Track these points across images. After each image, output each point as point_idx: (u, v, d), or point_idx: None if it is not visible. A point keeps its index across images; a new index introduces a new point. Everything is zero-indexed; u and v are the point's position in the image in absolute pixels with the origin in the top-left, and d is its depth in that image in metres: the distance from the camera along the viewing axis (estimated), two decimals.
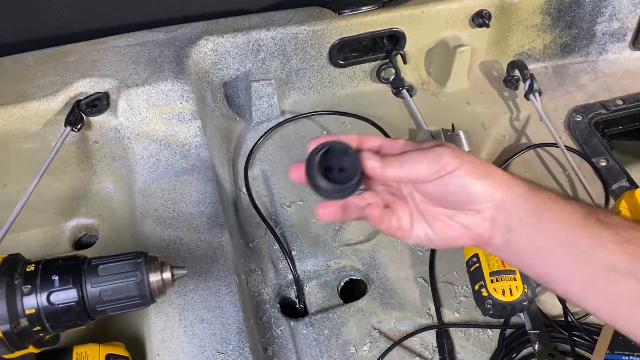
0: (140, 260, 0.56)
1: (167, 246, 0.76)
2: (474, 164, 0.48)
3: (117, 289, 0.55)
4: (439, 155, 0.48)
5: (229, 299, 0.71)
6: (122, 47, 0.94)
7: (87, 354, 0.65)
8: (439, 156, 0.48)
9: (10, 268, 0.54)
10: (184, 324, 0.69)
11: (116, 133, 0.87)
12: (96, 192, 0.93)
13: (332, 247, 0.86)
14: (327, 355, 0.75)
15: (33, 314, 0.53)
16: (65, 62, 0.91)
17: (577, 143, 1.01)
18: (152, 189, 0.83)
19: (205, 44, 0.96)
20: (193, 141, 0.87)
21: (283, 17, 1.00)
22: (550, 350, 0.72)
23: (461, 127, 1.01)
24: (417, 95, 1.09)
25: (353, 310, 0.79)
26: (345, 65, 1.06)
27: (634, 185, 0.94)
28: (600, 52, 1.15)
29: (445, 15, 1.04)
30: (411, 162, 0.48)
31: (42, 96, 0.85)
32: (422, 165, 0.48)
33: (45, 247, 0.89)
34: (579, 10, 1.09)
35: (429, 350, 0.77)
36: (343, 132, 1.02)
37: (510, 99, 1.09)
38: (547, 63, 1.16)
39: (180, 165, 0.85)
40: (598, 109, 1.07)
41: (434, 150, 0.48)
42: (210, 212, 0.80)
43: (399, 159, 0.49)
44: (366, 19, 1.00)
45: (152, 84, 0.87)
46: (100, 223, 0.91)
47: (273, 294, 0.81)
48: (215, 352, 0.67)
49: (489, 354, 0.76)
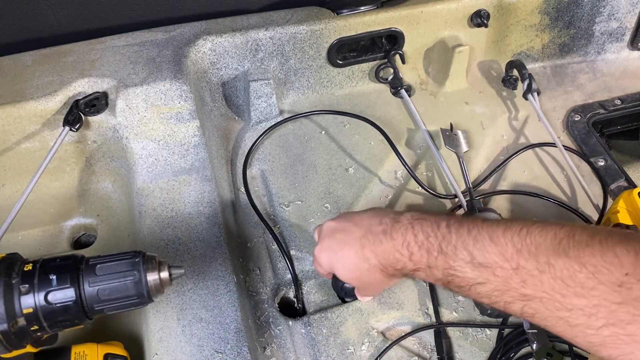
0: (138, 259, 0.56)
1: (165, 246, 0.76)
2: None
3: (114, 289, 0.55)
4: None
5: (227, 298, 0.71)
6: (121, 47, 0.94)
7: (85, 353, 0.65)
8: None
9: (8, 267, 0.54)
10: (182, 323, 0.69)
11: (115, 133, 0.87)
12: (95, 191, 0.93)
13: None
14: (325, 354, 0.75)
15: (31, 313, 0.53)
16: (63, 61, 0.91)
17: (576, 143, 1.02)
18: (150, 188, 0.83)
19: (203, 43, 0.96)
20: (191, 141, 0.87)
21: (282, 16, 1.00)
22: (548, 350, 0.72)
23: (460, 126, 1.01)
24: (415, 95, 1.09)
25: (351, 310, 0.79)
26: (344, 65, 1.06)
27: (632, 185, 0.94)
28: (598, 51, 1.15)
29: (443, 15, 1.04)
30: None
31: (41, 96, 0.85)
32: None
33: (44, 246, 0.89)
34: (578, 10, 1.09)
35: (427, 349, 0.77)
36: (342, 131, 1.02)
37: (508, 98, 1.09)
38: (546, 63, 1.16)
39: (178, 164, 0.85)
40: (596, 109, 1.07)
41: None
42: (209, 211, 0.80)
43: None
44: (365, 19, 1.00)
45: (151, 83, 0.87)
46: (98, 222, 0.91)
47: (271, 293, 0.81)
48: (213, 352, 0.67)
49: (487, 353, 0.76)
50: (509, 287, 0.48)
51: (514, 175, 0.97)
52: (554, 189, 0.95)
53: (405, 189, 0.94)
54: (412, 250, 0.56)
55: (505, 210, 0.91)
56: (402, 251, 0.57)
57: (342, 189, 0.93)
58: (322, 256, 0.67)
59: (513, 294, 0.48)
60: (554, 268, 0.45)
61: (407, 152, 1.00)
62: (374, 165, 0.97)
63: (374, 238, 0.61)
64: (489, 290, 0.50)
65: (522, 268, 0.47)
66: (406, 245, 0.57)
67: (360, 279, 0.65)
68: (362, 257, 0.62)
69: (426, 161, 0.99)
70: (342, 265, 0.65)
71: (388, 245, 0.59)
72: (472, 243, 0.51)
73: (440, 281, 0.55)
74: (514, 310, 0.49)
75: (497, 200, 0.93)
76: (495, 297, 0.50)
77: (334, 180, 0.95)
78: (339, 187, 0.94)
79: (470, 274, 0.51)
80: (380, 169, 0.96)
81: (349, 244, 0.63)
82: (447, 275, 0.53)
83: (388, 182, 0.95)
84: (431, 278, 0.56)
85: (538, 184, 0.96)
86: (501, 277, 0.49)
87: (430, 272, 0.55)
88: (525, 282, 0.47)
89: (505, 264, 0.49)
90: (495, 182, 0.96)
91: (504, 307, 0.50)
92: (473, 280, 0.51)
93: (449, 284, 0.54)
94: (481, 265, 0.50)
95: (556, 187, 0.95)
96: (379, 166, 0.97)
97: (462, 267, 0.52)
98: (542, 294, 0.46)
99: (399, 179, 0.96)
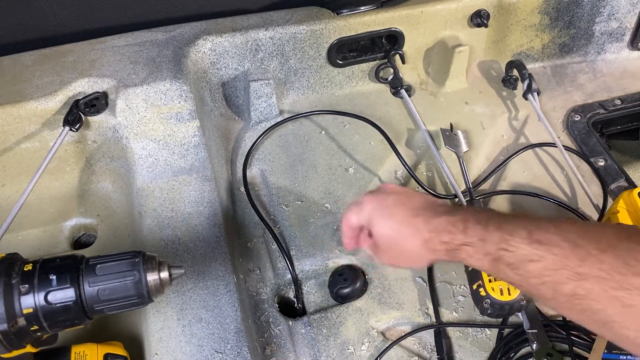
0: (138, 259, 0.56)
1: (165, 246, 0.76)
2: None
3: (114, 289, 0.55)
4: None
5: (227, 298, 0.71)
6: (121, 47, 0.94)
7: (85, 353, 0.65)
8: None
9: (8, 267, 0.54)
10: (182, 323, 0.69)
11: (115, 133, 0.87)
12: (95, 191, 0.93)
13: (331, 246, 0.86)
14: (325, 354, 0.75)
15: (31, 313, 0.53)
16: (63, 61, 0.91)
17: (576, 143, 1.02)
18: (150, 188, 0.83)
19: (203, 43, 0.96)
20: (191, 141, 0.87)
21: (281, 16, 1.00)
22: (548, 350, 0.72)
23: (459, 126, 1.01)
24: (415, 95, 1.09)
25: (351, 310, 0.80)
26: (344, 65, 1.06)
27: (632, 185, 0.94)
28: (598, 51, 1.15)
29: (443, 15, 1.04)
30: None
31: (41, 96, 0.85)
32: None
33: (44, 246, 0.89)
34: (578, 10, 1.09)
35: (427, 349, 0.77)
36: (342, 131, 1.02)
37: (508, 98, 1.09)
38: (546, 63, 1.16)
39: (178, 164, 0.85)
40: (596, 109, 1.07)
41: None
42: (209, 211, 0.80)
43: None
44: (365, 19, 1.00)
45: (151, 83, 0.87)
46: (98, 223, 0.91)
47: (271, 293, 0.81)
48: (213, 352, 0.67)
49: (487, 353, 0.76)
50: (563, 265, 0.47)
51: (514, 175, 0.97)
52: (554, 189, 0.95)
53: None
54: (468, 224, 0.55)
55: (505, 210, 0.91)
56: (457, 225, 0.56)
57: (342, 189, 0.93)
58: (368, 205, 0.64)
59: (567, 272, 0.47)
60: (616, 249, 0.45)
61: (407, 152, 1.00)
62: (374, 165, 0.97)
63: (433, 211, 0.60)
64: (541, 269, 0.49)
65: (582, 247, 0.47)
66: (463, 220, 0.56)
67: (397, 243, 0.62)
68: (412, 223, 0.60)
69: (426, 161, 0.99)
70: (386, 223, 0.63)
71: (443, 219, 0.58)
72: (533, 224, 0.51)
73: (490, 257, 0.53)
74: (564, 291, 0.48)
75: (497, 200, 0.93)
76: (546, 277, 0.49)
77: (334, 180, 0.95)
78: (339, 187, 0.94)
79: (524, 249, 0.50)
80: (380, 169, 0.96)
81: (403, 206, 0.62)
82: (499, 249, 0.52)
83: (388, 182, 0.95)
84: (480, 252, 0.54)
85: (538, 184, 0.96)
86: (558, 255, 0.48)
87: (482, 246, 0.54)
88: (583, 260, 0.46)
89: (564, 244, 0.48)
90: (495, 182, 0.96)
91: (553, 288, 0.48)
92: (526, 257, 0.50)
93: (499, 260, 0.52)
94: (538, 242, 0.49)
95: (556, 187, 0.95)
96: (379, 166, 0.97)
97: (517, 243, 0.51)
98: (599, 272, 0.45)
99: (399, 179, 0.96)
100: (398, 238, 0.62)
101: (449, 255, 0.58)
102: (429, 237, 0.59)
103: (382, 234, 0.64)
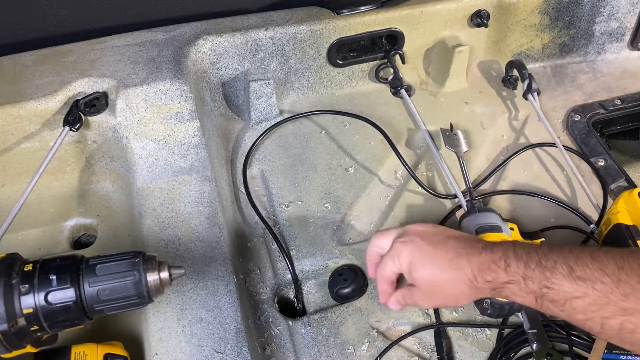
0: (138, 259, 0.56)
1: (165, 246, 0.76)
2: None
3: (114, 289, 0.55)
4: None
5: (227, 298, 0.71)
6: (121, 47, 0.94)
7: (85, 353, 0.65)
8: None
9: (8, 267, 0.54)
10: (182, 323, 0.69)
11: (115, 133, 0.87)
12: (95, 191, 0.93)
13: (331, 246, 0.86)
14: (325, 354, 0.75)
15: (31, 313, 0.53)
16: (63, 61, 0.91)
17: (576, 143, 1.02)
18: (150, 188, 0.83)
19: (203, 43, 0.96)
20: (191, 141, 0.87)
21: (281, 16, 1.00)
22: (548, 350, 0.72)
23: (459, 126, 1.01)
24: (415, 95, 1.09)
25: (351, 310, 0.79)
26: (344, 65, 1.06)
27: (632, 185, 0.94)
28: (598, 51, 1.15)
29: (443, 15, 1.04)
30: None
31: (41, 96, 0.85)
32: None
33: (44, 246, 0.89)
34: (578, 10, 1.09)
35: (427, 349, 0.77)
36: (341, 131, 1.02)
37: (508, 98, 1.09)
38: (546, 63, 1.16)
39: (178, 164, 0.85)
40: (596, 109, 1.07)
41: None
42: (209, 211, 0.80)
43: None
44: (365, 19, 1.00)
45: (151, 83, 0.87)
46: (98, 223, 0.91)
47: (271, 293, 0.81)
48: (213, 352, 0.67)
49: (487, 353, 0.76)
50: (608, 300, 0.48)
51: (514, 175, 0.97)
52: (554, 189, 0.95)
53: (405, 189, 0.94)
54: (510, 262, 0.55)
55: (505, 210, 0.92)
56: (499, 263, 0.56)
57: (342, 189, 0.94)
58: (404, 251, 0.62)
59: (612, 308, 0.48)
60: None
61: (407, 152, 1.00)
62: (374, 165, 0.97)
63: (473, 249, 0.59)
64: (585, 305, 0.49)
65: (625, 282, 0.47)
66: (504, 258, 0.56)
67: (442, 286, 0.60)
68: (455, 265, 0.59)
69: (426, 161, 0.99)
70: (428, 268, 0.61)
71: (486, 257, 0.57)
72: (572, 259, 0.51)
73: (533, 294, 0.53)
74: (612, 325, 0.48)
75: (497, 200, 0.93)
76: (592, 312, 0.49)
77: (334, 180, 0.95)
78: (339, 187, 0.94)
79: (567, 287, 0.50)
80: (380, 169, 0.96)
81: (444, 247, 0.61)
82: (542, 287, 0.52)
83: (388, 182, 0.95)
84: (523, 291, 0.54)
85: (538, 184, 0.96)
86: (600, 291, 0.48)
87: (524, 284, 0.54)
88: (627, 295, 0.47)
89: (606, 279, 0.48)
90: (495, 182, 0.96)
91: (600, 323, 0.49)
92: (570, 294, 0.50)
93: (543, 297, 0.53)
94: (580, 278, 0.50)
95: (556, 187, 0.95)
96: (379, 166, 0.97)
97: (559, 280, 0.51)
98: None
99: (399, 179, 0.96)
100: (442, 281, 0.60)
101: (493, 293, 0.58)
102: (473, 276, 0.58)
103: (426, 279, 0.61)
